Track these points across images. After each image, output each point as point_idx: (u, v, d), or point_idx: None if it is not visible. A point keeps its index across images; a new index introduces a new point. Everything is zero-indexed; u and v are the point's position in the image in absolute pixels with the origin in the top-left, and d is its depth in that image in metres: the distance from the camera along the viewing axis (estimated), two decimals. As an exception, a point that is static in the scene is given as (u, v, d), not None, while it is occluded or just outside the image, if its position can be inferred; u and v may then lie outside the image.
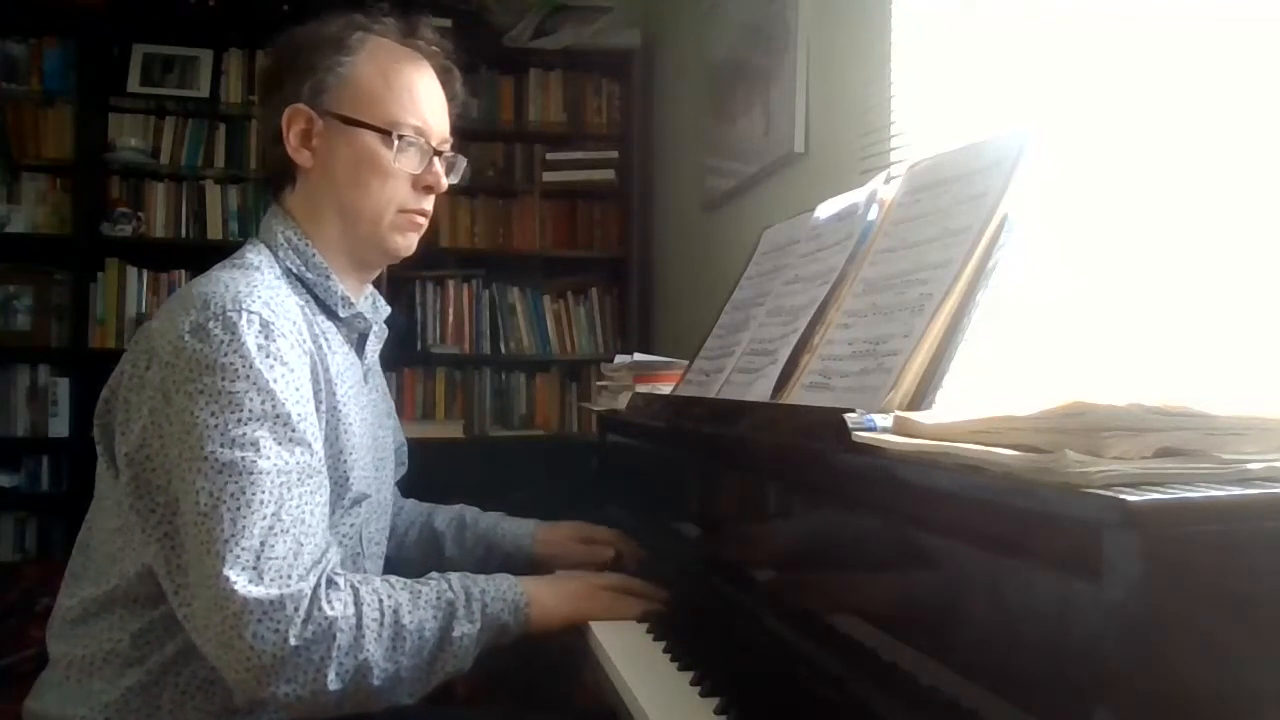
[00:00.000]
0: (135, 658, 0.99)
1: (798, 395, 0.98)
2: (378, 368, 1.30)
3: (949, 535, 0.65)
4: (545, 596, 1.09)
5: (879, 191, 1.08)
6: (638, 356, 1.66)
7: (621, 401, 1.55)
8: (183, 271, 3.22)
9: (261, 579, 0.89)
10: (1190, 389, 0.81)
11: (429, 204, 1.19)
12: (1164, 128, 1.03)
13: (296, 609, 0.89)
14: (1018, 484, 0.57)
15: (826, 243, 1.12)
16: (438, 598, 1.01)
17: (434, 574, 1.05)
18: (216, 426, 0.92)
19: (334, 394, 1.08)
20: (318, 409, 1.04)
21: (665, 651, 0.99)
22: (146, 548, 0.97)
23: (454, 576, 1.05)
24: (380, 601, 0.96)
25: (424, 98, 1.16)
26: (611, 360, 1.71)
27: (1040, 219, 0.85)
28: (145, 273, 3.19)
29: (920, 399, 0.82)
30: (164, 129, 3.21)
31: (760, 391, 1.05)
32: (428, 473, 1.49)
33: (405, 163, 1.14)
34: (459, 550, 1.41)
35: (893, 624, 0.72)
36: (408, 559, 1.41)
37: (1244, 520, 0.52)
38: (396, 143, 1.12)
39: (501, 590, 1.05)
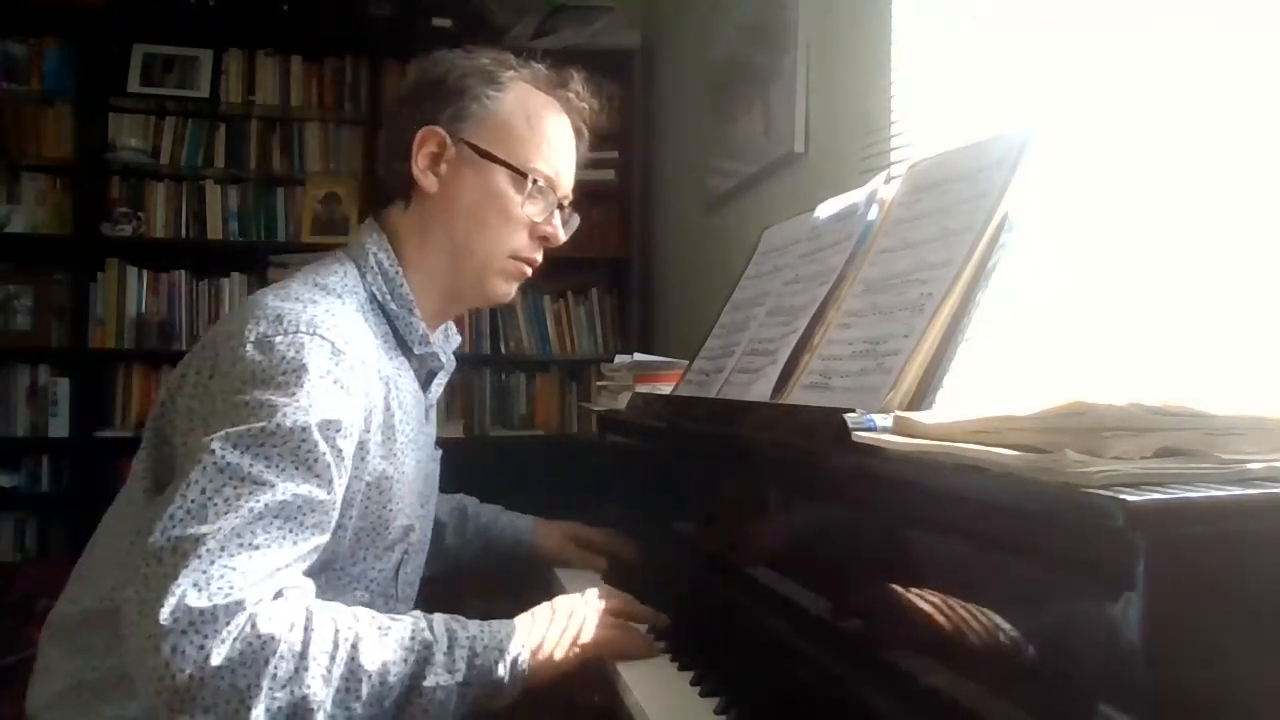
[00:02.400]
0: None
1: (798, 395, 0.98)
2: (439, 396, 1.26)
3: (949, 535, 0.65)
4: (547, 644, 0.95)
5: (879, 191, 1.08)
6: (638, 356, 1.66)
7: (621, 401, 1.55)
8: (183, 271, 3.22)
9: (208, 586, 0.78)
10: (1190, 389, 0.81)
11: (540, 255, 1.16)
12: (1164, 127, 1.03)
13: (228, 622, 0.77)
14: (1018, 484, 0.57)
15: (826, 243, 1.12)
16: (411, 637, 0.88)
17: (416, 612, 0.93)
18: (237, 429, 0.85)
19: (394, 439, 1.03)
20: (364, 456, 0.98)
21: (665, 651, 0.98)
22: None
23: (439, 618, 0.92)
24: (335, 632, 0.83)
25: (560, 148, 1.14)
26: (611, 360, 1.72)
27: (1040, 219, 0.85)
28: (145, 273, 3.19)
29: (920, 399, 0.82)
30: (164, 129, 3.21)
31: (760, 391, 1.05)
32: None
33: (531, 209, 1.11)
34: (459, 540, 1.41)
35: (893, 624, 0.72)
36: None
37: (1244, 520, 0.52)
38: (529, 186, 1.10)
39: (497, 638, 0.92)
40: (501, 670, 0.90)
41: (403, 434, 1.06)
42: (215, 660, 0.76)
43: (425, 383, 1.17)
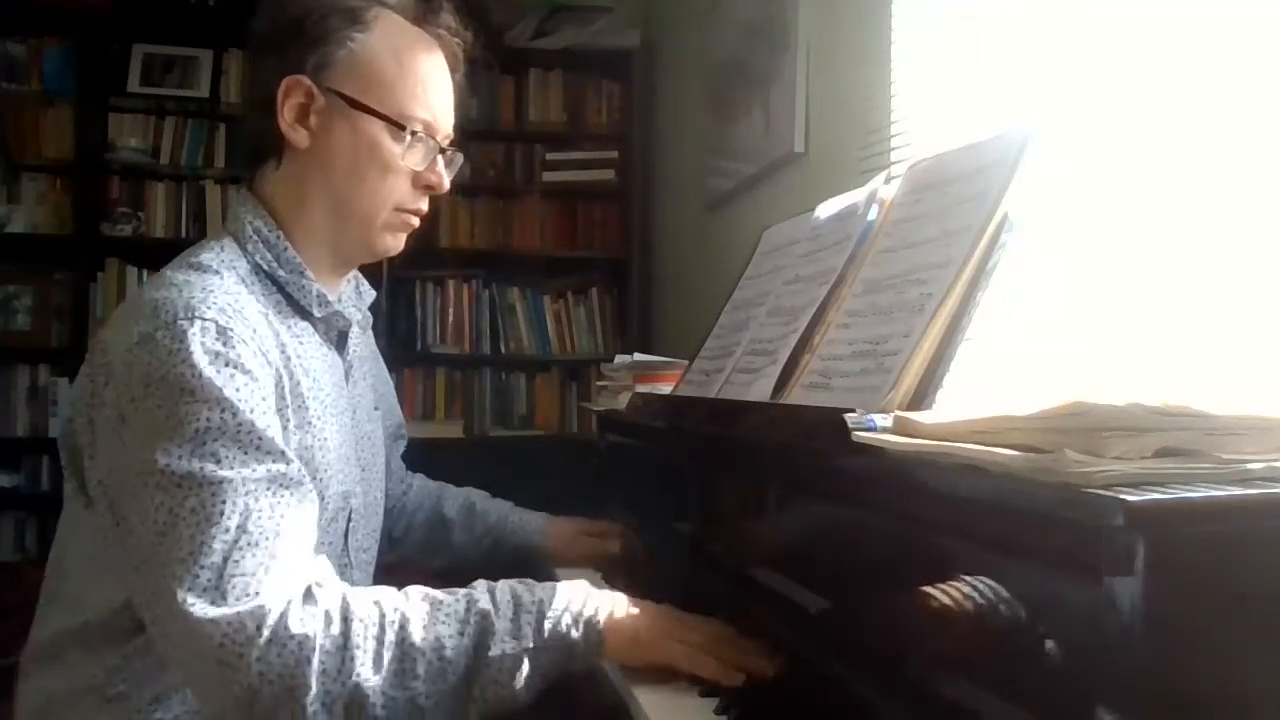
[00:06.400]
0: (114, 695, 0.93)
1: (798, 395, 0.98)
2: (368, 354, 1.24)
3: (949, 535, 0.65)
4: (625, 615, 0.90)
5: (879, 191, 1.08)
6: (638, 356, 1.66)
7: (621, 401, 1.55)
8: (183, 271, 3.22)
9: (225, 598, 0.78)
10: (1190, 389, 0.81)
11: (425, 203, 1.11)
12: (1165, 127, 1.03)
13: (259, 627, 0.78)
14: (1018, 484, 0.57)
15: (826, 243, 1.12)
16: (466, 609, 0.86)
17: (480, 581, 0.91)
18: (173, 440, 0.83)
19: (305, 408, 0.99)
20: (285, 426, 0.95)
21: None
22: (126, 578, 0.88)
23: (503, 584, 0.90)
24: (381, 616, 0.83)
25: (436, 89, 1.08)
26: (611, 360, 1.71)
27: (1040, 219, 0.85)
28: (145, 273, 3.18)
29: (920, 399, 0.82)
30: (164, 129, 3.20)
31: (760, 391, 1.05)
32: (427, 473, 1.50)
33: (411, 159, 1.05)
34: (468, 537, 1.40)
35: (893, 624, 0.72)
36: (414, 540, 1.41)
37: (1244, 520, 0.52)
38: (408, 137, 1.04)
39: (567, 599, 0.89)
40: (575, 633, 0.87)
41: (315, 400, 1.01)
42: (257, 666, 0.78)
43: (340, 344, 1.12)
